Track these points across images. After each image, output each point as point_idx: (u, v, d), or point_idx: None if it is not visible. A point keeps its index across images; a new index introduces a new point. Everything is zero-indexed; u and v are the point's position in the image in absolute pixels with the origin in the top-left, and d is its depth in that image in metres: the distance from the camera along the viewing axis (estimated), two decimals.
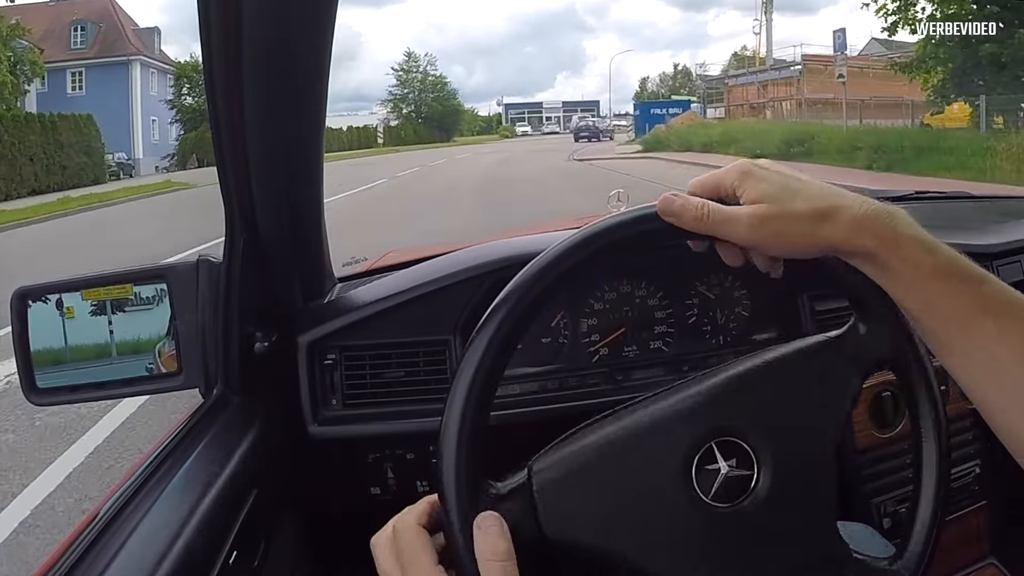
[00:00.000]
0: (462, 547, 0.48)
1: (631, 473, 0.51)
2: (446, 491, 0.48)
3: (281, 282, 0.87)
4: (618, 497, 0.51)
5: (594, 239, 0.53)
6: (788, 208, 0.49)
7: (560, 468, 0.51)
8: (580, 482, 0.51)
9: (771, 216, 0.49)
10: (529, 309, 0.52)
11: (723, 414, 0.53)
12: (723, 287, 0.98)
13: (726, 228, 0.50)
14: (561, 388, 0.91)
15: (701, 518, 0.52)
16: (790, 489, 0.53)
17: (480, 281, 0.89)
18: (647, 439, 0.52)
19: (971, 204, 1.54)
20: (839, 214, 0.49)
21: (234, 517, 0.65)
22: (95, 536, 0.56)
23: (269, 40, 0.66)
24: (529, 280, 0.52)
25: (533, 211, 7.72)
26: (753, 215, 0.49)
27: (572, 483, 0.51)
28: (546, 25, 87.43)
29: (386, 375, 0.88)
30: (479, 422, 0.50)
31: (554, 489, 0.51)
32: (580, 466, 0.51)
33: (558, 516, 0.50)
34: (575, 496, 0.51)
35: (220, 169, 0.71)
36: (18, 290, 0.73)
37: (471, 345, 0.51)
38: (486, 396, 0.51)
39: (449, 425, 0.49)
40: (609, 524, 0.51)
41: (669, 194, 0.51)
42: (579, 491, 0.51)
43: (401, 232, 6.85)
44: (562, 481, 0.51)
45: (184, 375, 0.76)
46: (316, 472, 0.89)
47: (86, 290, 0.76)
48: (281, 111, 0.73)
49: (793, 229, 0.49)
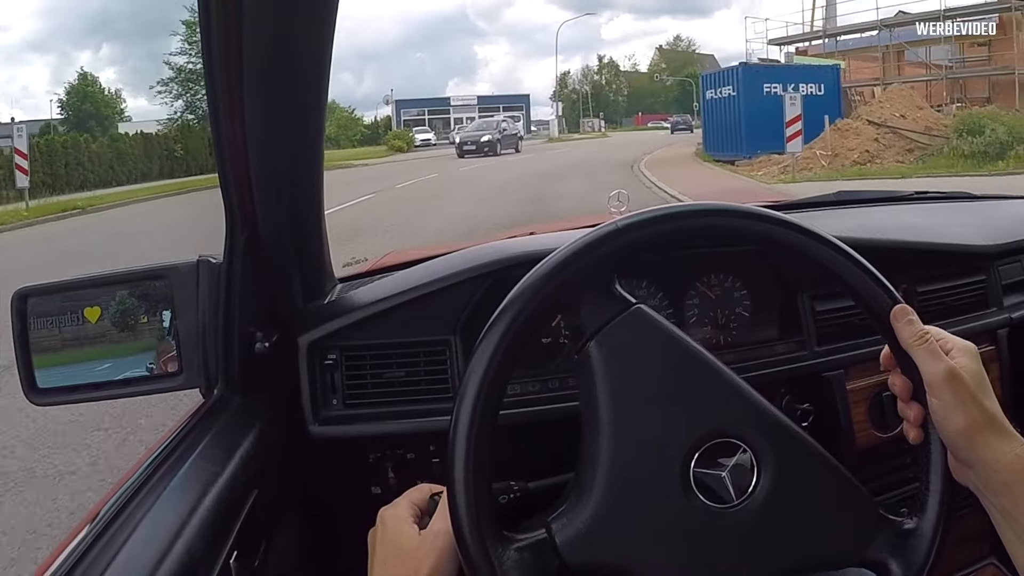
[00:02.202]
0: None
1: (635, 485, 0.53)
2: (465, 537, 0.52)
3: (281, 282, 0.87)
4: (628, 514, 0.53)
5: (608, 239, 0.54)
6: (976, 393, 0.53)
7: (576, 522, 0.55)
8: (592, 512, 0.55)
9: (961, 386, 0.52)
10: (537, 311, 0.53)
11: (723, 417, 0.54)
12: (723, 287, 0.98)
13: (925, 356, 0.54)
14: (562, 388, 0.91)
15: (702, 520, 0.52)
16: (791, 490, 0.54)
17: (480, 281, 0.89)
18: (642, 456, 0.55)
19: (971, 204, 1.54)
20: (1003, 449, 0.51)
21: (234, 517, 0.65)
22: (95, 536, 0.56)
23: (269, 40, 0.66)
24: (537, 282, 0.53)
25: None
26: (952, 370, 0.53)
27: (586, 515, 0.55)
28: (437, 30, 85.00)
29: (386, 375, 0.88)
30: (485, 432, 0.53)
31: (571, 526, 0.55)
32: (588, 499, 0.55)
33: (577, 547, 0.54)
34: (590, 527, 0.54)
35: (220, 169, 0.71)
36: (18, 290, 0.73)
37: (480, 346, 0.52)
38: (493, 404, 0.53)
39: (456, 458, 0.53)
40: (622, 542, 0.54)
41: (908, 308, 0.56)
42: (593, 520, 0.54)
43: None
44: (581, 532, 0.55)
45: (184, 375, 0.76)
46: (316, 472, 0.89)
47: (87, 289, 0.76)
48: (281, 111, 0.73)
49: (967, 412, 0.52)
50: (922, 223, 1.23)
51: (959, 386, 0.52)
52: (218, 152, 0.70)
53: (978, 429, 0.51)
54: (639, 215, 0.59)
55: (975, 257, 1.10)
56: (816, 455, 0.57)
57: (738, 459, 0.56)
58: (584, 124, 50.01)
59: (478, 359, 0.54)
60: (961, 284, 1.08)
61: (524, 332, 0.55)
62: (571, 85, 59.49)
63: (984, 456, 0.51)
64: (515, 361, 0.56)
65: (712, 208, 0.60)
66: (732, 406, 0.57)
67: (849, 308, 0.94)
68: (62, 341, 0.76)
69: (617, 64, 68.28)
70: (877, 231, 1.06)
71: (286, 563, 0.79)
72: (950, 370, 0.53)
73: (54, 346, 0.75)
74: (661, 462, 0.55)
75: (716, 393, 0.58)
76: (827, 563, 0.56)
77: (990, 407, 0.53)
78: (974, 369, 0.54)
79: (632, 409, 0.57)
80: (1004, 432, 0.52)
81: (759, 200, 1.28)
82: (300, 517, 0.86)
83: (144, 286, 0.77)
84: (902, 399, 0.57)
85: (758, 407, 0.57)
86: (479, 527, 0.52)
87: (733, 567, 0.55)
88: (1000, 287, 1.11)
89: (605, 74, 65.79)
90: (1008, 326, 1.10)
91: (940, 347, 0.54)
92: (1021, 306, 1.12)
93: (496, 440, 0.55)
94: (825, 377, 0.96)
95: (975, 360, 0.55)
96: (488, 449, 0.54)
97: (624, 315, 0.58)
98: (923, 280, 1.03)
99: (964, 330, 1.06)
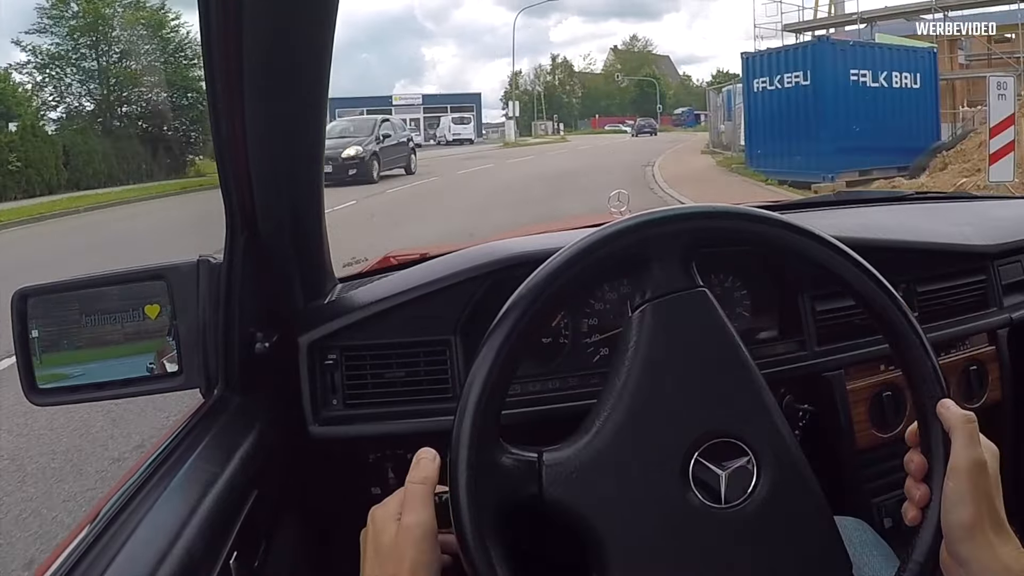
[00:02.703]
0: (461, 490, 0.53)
1: (633, 458, 0.53)
2: (468, 541, 0.52)
3: (282, 282, 0.87)
4: (617, 473, 0.53)
5: (610, 239, 0.54)
6: (993, 491, 0.52)
7: (572, 470, 0.55)
8: (585, 458, 0.55)
9: (984, 479, 0.52)
10: (543, 309, 0.54)
11: (728, 418, 0.54)
12: (723, 287, 0.98)
13: (965, 439, 0.53)
14: (562, 388, 0.91)
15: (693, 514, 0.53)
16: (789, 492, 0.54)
17: (480, 281, 0.89)
18: (651, 428, 0.55)
19: (971, 204, 1.54)
20: (1002, 546, 0.51)
21: (234, 517, 0.65)
22: (95, 536, 0.56)
23: (269, 40, 0.66)
24: (542, 283, 0.53)
25: None
26: (982, 461, 0.52)
27: (580, 479, 0.55)
28: (384, 31, 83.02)
29: (387, 375, 0.88)
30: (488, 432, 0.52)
31: (561, 462, 0.55)
32: (589, 467, 0.55)
33: (560, 482, 0.55)
34: (578, 469, 0.55)
35: (220, 169, 0.71)
36: (19, 290, 0.73)
37: (484, 344, 0.53)
38: (496, 404, 0.54)
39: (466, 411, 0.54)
40: (602, 498, 0.54)
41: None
42: (583, 466, 0.55)
43: None
44: (570, 478, 0.55)
45: (184, 375, 0.76)
46: (316, 472, 0.89)
47: (87, 289, 0.76)
48: (281, 111, 0.73)
49: (978, 507, 0.51)
50: (922, 223, 1.23)
51: (982, 479, 0.52)
52: (218, 152, 0.70)
53: (983, 527, 0.51)
54: (648, 215, 0.59)
55: (975, 257, 1.10)
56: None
57: (739, 463, 0.56)
58: (536, 127, 47.50)
59: (483, 357, 0.55)
60: (961, 284, 1.08)
61: (529, 331, 0.56)
62: (522, 86, 56.23)
63: (980, 556, 0.50)
64: (518, 361, 0.56)
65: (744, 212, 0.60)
66: (755, 414, 0.57)
67: (849, 308, 0.94)
68: (62, 341, 0.76)
69: (571, 64, 64.45)
70: (877, 231, 1.06)
71: (286, 563, 0.79)
72: (980, 460, 0.52)
73: (54, 346, 0.75)
74: (665, 443, 0.55)
75: (743, 397, 0.58)
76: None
77: (999, 509, 0.52)
78: (994, 469, 0.54)
79: (659, 384, 0.57)
80: (1005, 536, 0.51)
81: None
82: (300, 517, 0.86)
83: (144, 286, 0.77)
84: (913, 477, 0.56)
85: (777, 422, 0.57)
86: (481, 534, 0.52)
87: (717, 566, 0.54)
88: (1000, 287, 1.11)
89: (559, 74, 62.93)
90: (1008, 326, 1.10)
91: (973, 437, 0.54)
92: (1021, 306, 1.12)
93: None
94: (825, 377, 0.96)
95: (995, 461, 0.54)
96: (491, 449, 0.54)
97: (690, 292, 0.59)
98: (923, 280, 1.03)
99: (964, 330, 1.07)
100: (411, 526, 0.53)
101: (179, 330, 0.76)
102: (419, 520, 0.53)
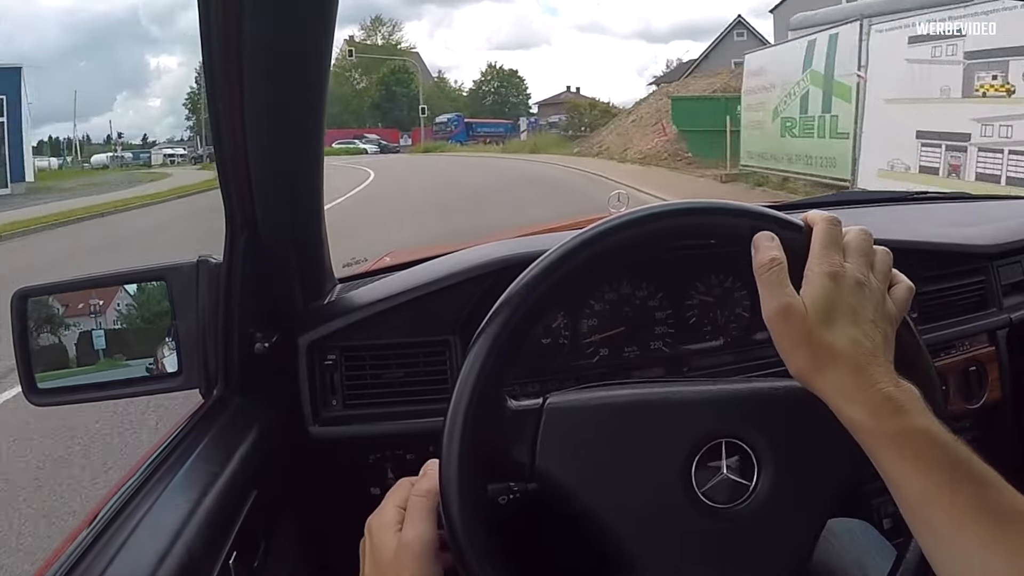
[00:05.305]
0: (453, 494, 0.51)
1: (633, 440, 0.53)
2: (461, 544, 0.50)
3: (281, 283, 0.87)
4: (615, 460, 0.52)
5: (598, 238, 0.53)
6: (814, 328, 0.47)
7: (571, 410, 0.54)
8: (584, 428, 0.54)
9: (795, 322, 0.47)
10: (533, 310, 0.53)
11: (739, 419, 0.54)
12: (723, 287, 0.98)
13: (762, 289, 0.49)
14: (562, 388, 0.91)
15: (691, 509, 0.52)
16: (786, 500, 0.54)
17: (480, 281, 0.89)
18: (657, 414, 0.54)
19: (971, 204, 1.54)
20: (847, 379, 0.46)
21: (234, 517, 0.65)
22: (95, 536, 0.56)
23: (270, 40, 0.66)
24: (531, 282, 0.53)
25: None
26: (779, 310, 0.47)
27: (577, 426, 0.54)
28: (105, 34, 69.73)
29: (386, 375, 0.88)
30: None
31: (559, 426, 0.54)
32: (590, 413, 0.54)
33: (554, 452, 0.53)
34: (576, 440, 0.53)
35: (220, 169, 0.71)
36: (18, 290, 0.73)
37: (474, 344, 0.52)
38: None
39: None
40: (599, 483, 0.53)
41: (767, 235, 0.51)
42: (581, 437, 0.53)
43: None
44: (569, 420, 0.54)
45: (184, 375, 0.76)
46: (316, 472, 0.89)
47: (87, 289, 0.76)
48: (281, 111, 0.73)
49: (796, 348, 0.47)
50: (922, 223, 1.23)
51: (790, 323, 0.47)
52: (218, 152, 0.70)
53: (820, 367, 0.46)
54: (629, 215, 0.58)
55: (975, 257, 1.10)
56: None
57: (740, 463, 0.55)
58: (206, 151, 31.21)
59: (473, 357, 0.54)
60: (961, 284, 1.08)
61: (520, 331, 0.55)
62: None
63: (828, 397, 0.46)
64: (511, 362, 0.55)
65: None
66: (757, 414, 0.56)
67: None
68: (62, 341, 0.75)
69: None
70: (877, 231, 1.05)
71: (286, 563, 0.79)
72: (780, 307, 0.47)
73: (54, 346, 0.75)
74: (668, 439, 0.54)
75: (746, 396, 0.56)
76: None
77: (834, 341, 0.46)
78: (822, 297, 0.47)
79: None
80: (861, 373, 0.45)
81: None
82: (300, 517, 0.86)
83: (144, 286, 0.77)
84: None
85: (778, 421, 0.57)
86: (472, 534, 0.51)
87: (710, 564, 0.54)
88: (1000, 287, 1.11)
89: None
90: (1008, 326, 1.10)
91: (785, 275, 0.48)
92: (1021, 306, 1.12)
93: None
94: None
95: (836, 287, 0.47)
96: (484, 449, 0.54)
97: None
98: (923, 280, 1.03)
99: (964, 330, 1.07)
100: (411, 541, 0.52)
101: (179, 330, 0.76)
102: (419, 534, 0.52)
